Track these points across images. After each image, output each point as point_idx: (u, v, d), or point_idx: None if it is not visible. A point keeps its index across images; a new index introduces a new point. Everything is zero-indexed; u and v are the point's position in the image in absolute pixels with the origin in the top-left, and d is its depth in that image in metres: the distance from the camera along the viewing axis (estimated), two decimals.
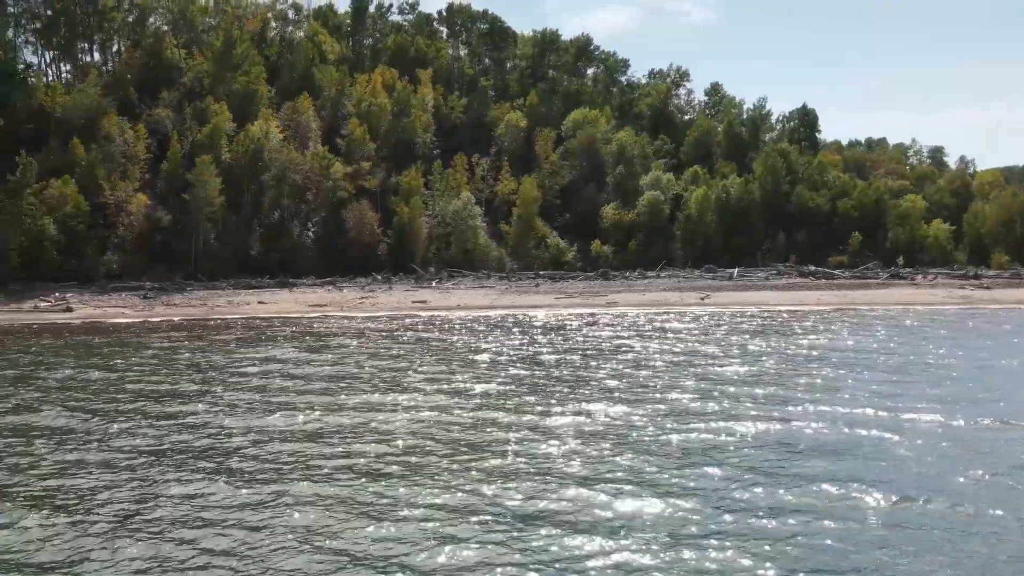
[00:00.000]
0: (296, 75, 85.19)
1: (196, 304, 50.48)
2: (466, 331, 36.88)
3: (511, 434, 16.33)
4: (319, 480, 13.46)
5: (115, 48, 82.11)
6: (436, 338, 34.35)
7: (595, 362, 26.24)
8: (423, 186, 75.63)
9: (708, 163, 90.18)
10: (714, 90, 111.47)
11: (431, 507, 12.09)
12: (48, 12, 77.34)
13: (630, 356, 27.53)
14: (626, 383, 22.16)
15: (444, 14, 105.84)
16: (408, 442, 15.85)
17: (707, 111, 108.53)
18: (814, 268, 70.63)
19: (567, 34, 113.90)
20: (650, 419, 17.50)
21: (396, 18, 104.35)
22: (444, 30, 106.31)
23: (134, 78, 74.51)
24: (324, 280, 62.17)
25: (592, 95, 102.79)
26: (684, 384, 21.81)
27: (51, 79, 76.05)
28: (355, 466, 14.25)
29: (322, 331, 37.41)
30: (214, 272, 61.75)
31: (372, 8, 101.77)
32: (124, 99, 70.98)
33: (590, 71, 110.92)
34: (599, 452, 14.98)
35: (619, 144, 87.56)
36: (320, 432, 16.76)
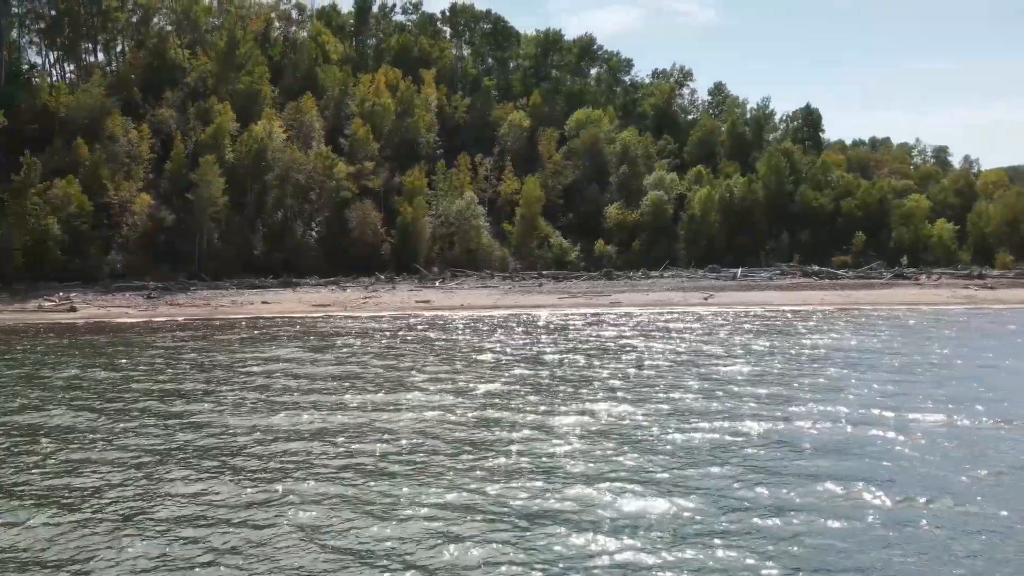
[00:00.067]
0: (299, 75, 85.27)
1: (200, 304, 50.55)
2: (469, 331, 36.90)
3: (515, 433, 16.35)
4: (324, 479, 13.49)
5: (119, 48, 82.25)
6: (440, 338, 34.38)
7: (598, 362, 26.25)
8: (426, 186, 75.67)
9: (711, 163, 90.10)
10: (717, 90, 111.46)
11: (435, 506, 12.12)
12: (52, 12, 77.46)
13: (634, 356, 27.53)
14: (630, 383, 22.18)
15: (447, 14, 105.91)
16: (412, 441, 15.88)
17: (710, 111, 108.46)
18: (818, 268, 70.56)
19: (570, 34, 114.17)
20: (654, 419, 17.52)
21: (399, 18, 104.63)
22: (447, 30, 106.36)
23: (138, 78, 74.59)
24: (327, 280, 62.20)
25: (595, 95, 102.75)
26: (688, 384, 21.82)
27: (55, 79, 76.14)
28: (359, 465, 14.29)
29: (326, 331, 37.45)
30: (217, 272, 61.80)
31: (375, 8, 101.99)
32: (128, 99, 71.08)
33: (593, 71, 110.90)
34: (603, 451, 15.00)
35: (622, 144, 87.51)
36: (324, 431, 16.80)
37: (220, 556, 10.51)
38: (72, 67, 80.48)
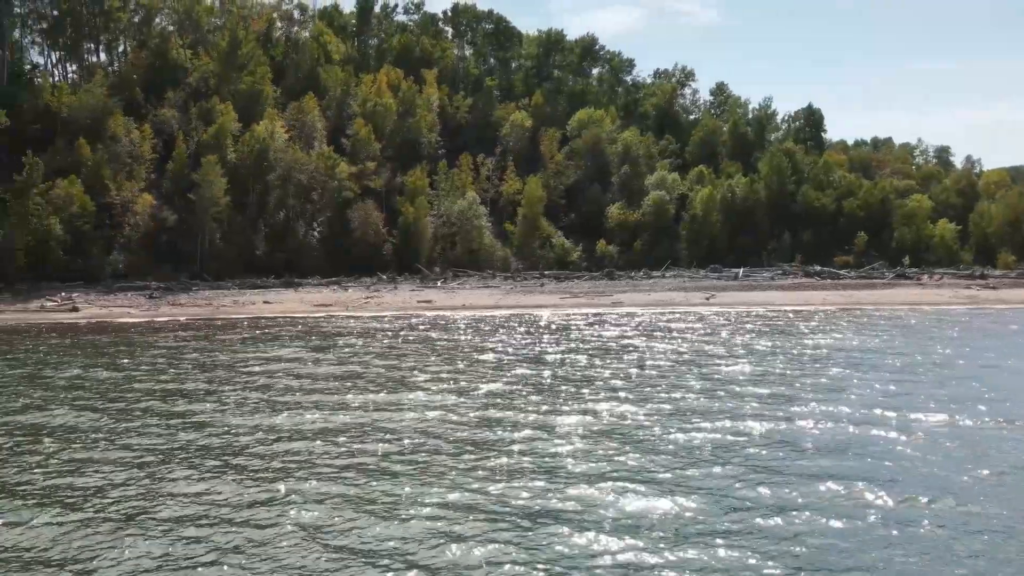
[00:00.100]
0: (301, 75, 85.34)
1: (202, 304, 50.61)
2: (471, 331, 36.91)
3: (517, 433, 16.36)
4: (326, 479, 13.51)
5: (121, 48, 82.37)
6: (441, 338, 34.39)
7: (600, 362, 26.25)
8: (428, 186, 75.73)
9: (713, 163, 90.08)
10: (719, 90, 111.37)
11: (437, 505, 12.13)
12: (54, 12, 77.61)
13: (635, 356, 27.54)
14: (632, 383, 22.18)
15: (449, 14, 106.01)
16: (414, 441, 15.89)
17: (712, 111, 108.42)
18: (819, 268, 70.51)
19: (572, 34, 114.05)
20: (656, 418, 17.52)
21: (401, 18, 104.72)
22: (449, 30, 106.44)
23: (140, 78, 74.68)
24: (329, 280, 62.24)
25: (597, 95, 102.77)
26: (690, 384, 21.82)
27: (57, 79, 76.27)
28: (362, 465, 14.30)
29: (328, 331, 37.47)
30: (219, 272, 61.86)
31: (377, 8, 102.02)
32: (130, 99, 71.17)
33: (595, 71, 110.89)
34: (605, 451, 15.00)
35: (624, 144, 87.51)
36: (326, 431, 16.81)
37: (223, 555, 10.53)
38: (74, 67, 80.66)
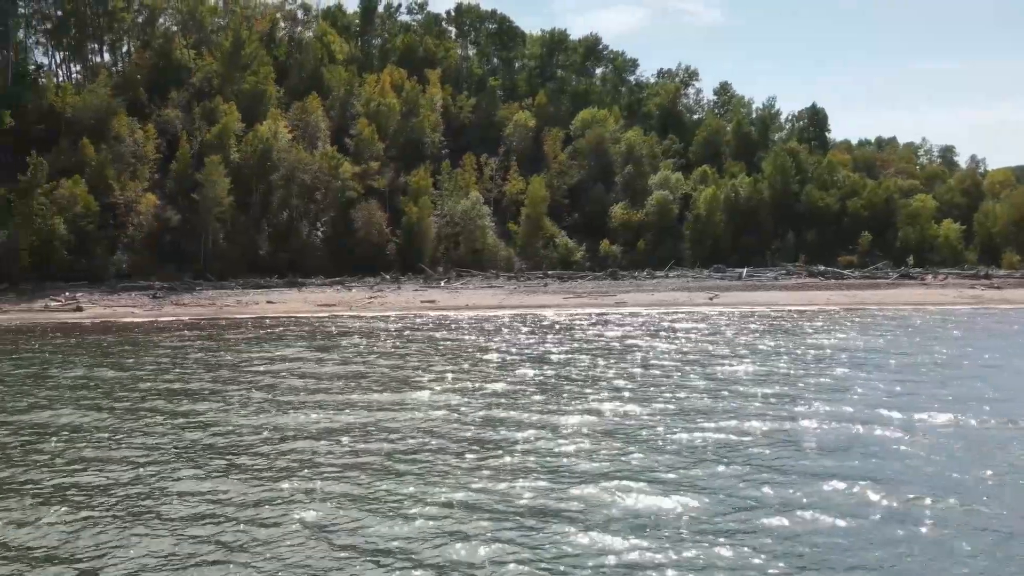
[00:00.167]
0: (305, 75, 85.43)
1: (205, 304, 50.70)
2: (475, 331, 36.92)
3: (521, 433, 16.37)
4: (330, 478, 13.53)
5: (125, 49, 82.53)
6: (445, 338, 34.41)
7: (604, 361, 26.26)
8: (432, 186, 75.76)
9: (717, 163, 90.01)
10: (723, 89, 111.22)
11: (442, 505, 12.15)
12: (58, 13, 77.78)
13: (639, 355, 27.54)
14: (635, 382, 22.19)
15: (453, 14, 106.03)
16: (419, 440, 15.91)
17: (716, 111, 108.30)
18: (823, 268, 70.44)
19: (575, 34, 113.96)
20: (659, 418, 17.52)
21: (405, 18, 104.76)
22: (453, 30, 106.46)
23: (144, 78, 74.85)
24: (333, 280, 62.32)
25: (601, 95, 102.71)
26: (693, 383, 21.81)
27: (61, 80, 76.49)
28: (366, 464, 14.32)
29: (331, 331, 37.52)
30: (223, 272, 61.96)
31: (381, 8, 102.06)
32: (134, 99, 71.34)
33: (598, 71, 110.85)
34: (609, 451, 15.01)
35: (628, 144, 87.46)
36: (331, 430, 16.84)
37: (228, 554, 10.55)
38: (78, 67, 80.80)
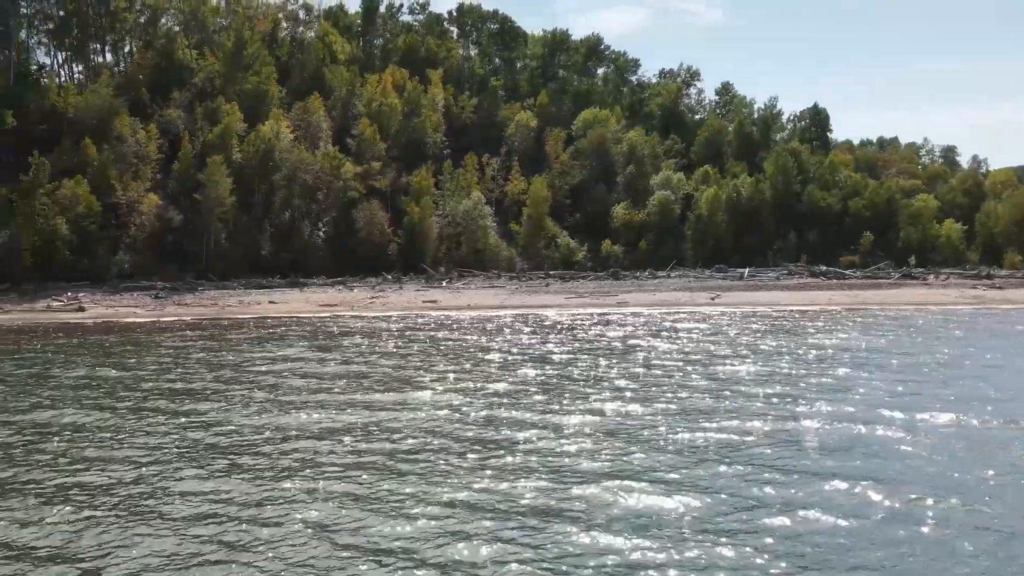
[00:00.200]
0: (307, 75, 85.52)
1: (207, 304, 50.75)
2: (477, 331, 36.94)
3: (523, 432, 16.37)
4: (333, 477, 13.54)
5: (127, 49, 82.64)
6: (447, 338, 34.43)
7: (606, 361, 26.26)
8: (433, 186, 75.83)
9: (719, 163, 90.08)
10: (725, 90, 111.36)
11: (444, 504, 12.15)
12: (60, 13, 77.88)
13: (641, 355, 27.54)
14: (637, 382, 22.18)
15: (454, 14, 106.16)
16: (420, 440, 15.91)
17: (718, 111, 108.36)
18: (825, 268, 70.43)
19: (577, 34, 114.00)
20: (661, 418, 17.52)
21: (406, 18, 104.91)
22: (454, 30, 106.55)
23: (146, 79, 74.95)
24: (334, 280, 62.37)
25: (602, 95, 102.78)
26: (695, 383, 21.81)
27: (63, 80, 76.56)
28: (368, 464, 14.33)
29: (333, 331, 37.55)
30: (225, 272, 62.04)
31: (383, 8, 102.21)
32: (136, 99, 71.45)
33: (600, 71, 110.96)
34: (611, 450, 15.01)
35: (629, 144, 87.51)
36: (333, 430, 16.85)
37: (231, 553, 10.56)
38: (80, 67, 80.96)
